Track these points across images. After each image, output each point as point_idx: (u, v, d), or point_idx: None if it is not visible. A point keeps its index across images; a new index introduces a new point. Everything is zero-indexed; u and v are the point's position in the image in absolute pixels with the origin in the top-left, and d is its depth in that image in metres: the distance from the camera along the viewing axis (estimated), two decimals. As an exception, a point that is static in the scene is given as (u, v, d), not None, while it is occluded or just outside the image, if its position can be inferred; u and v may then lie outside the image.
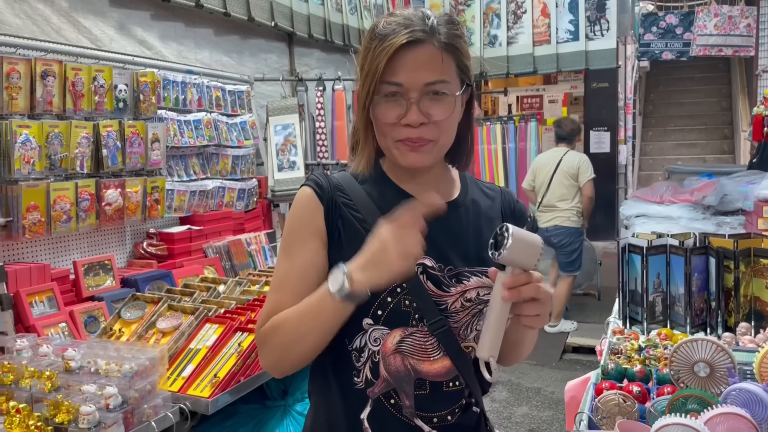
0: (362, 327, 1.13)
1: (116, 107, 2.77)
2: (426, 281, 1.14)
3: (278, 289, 1.17)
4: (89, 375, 1.87)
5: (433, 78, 1.10)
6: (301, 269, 1.15)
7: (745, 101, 7.97)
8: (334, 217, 1.17)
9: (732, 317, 1.94)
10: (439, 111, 1.11)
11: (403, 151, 1.13)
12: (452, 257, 1.17)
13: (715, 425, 1.03)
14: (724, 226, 3.53)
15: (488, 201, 1.29)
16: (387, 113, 1.12)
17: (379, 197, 1.19)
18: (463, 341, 1.17)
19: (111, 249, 2.89)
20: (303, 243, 1.16)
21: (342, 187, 1.19)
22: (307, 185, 1.20)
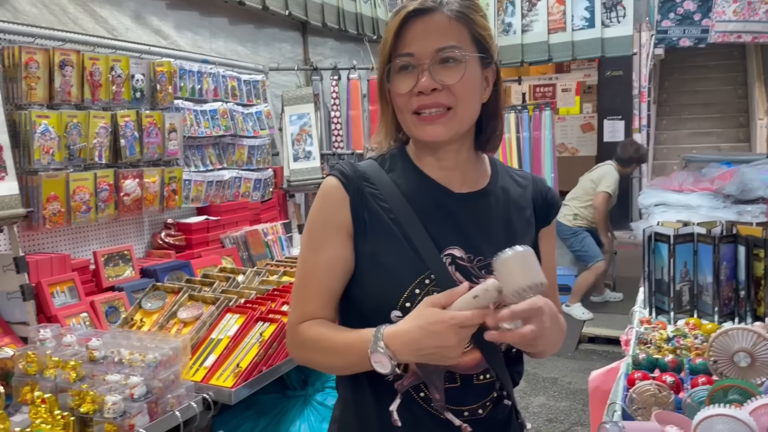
0: (390, 320, 1.10)
1: (133, 97, 2.76)
2: (455, 272, 1.11)
3: (306, 284, 1.16)
4: (113, 365, 1.87)
5: (443, 43, 1.08)
6: (328, 264, 1.13)
7: (761, 89, 7.86)
8: (361, 207, 1.14)
9: (761, 306, 1.91)
10: (451, 75, 1.09)
11: (419, 124, 1.12)
12: (482, 247, 1.14)
13: (759, 416, 1.01)
14: (746, 215, 3.49)
15: (519, 189, 1.26)
16: (400, 85, 1.11)
17: (405, 185, 1.17)
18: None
19: (130, 239, 2.89)
20: (329, 237, 1.14)
21: (368, 176, 1.17)
22: (333, 175, 1.18)
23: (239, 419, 2.34)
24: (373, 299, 1.12)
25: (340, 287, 1.16)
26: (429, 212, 1.14)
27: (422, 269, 1.10)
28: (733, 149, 8.18)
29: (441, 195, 1.17)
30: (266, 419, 2.37)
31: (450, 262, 1.12)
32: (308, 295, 1.15)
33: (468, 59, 1.10)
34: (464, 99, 1.11)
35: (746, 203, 3.65)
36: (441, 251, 1.12)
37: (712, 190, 3.88)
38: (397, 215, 1.13)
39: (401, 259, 1.11)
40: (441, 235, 1.13)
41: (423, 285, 1.10)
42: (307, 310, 1.15)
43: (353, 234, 1.14)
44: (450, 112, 1.10)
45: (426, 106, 1.10)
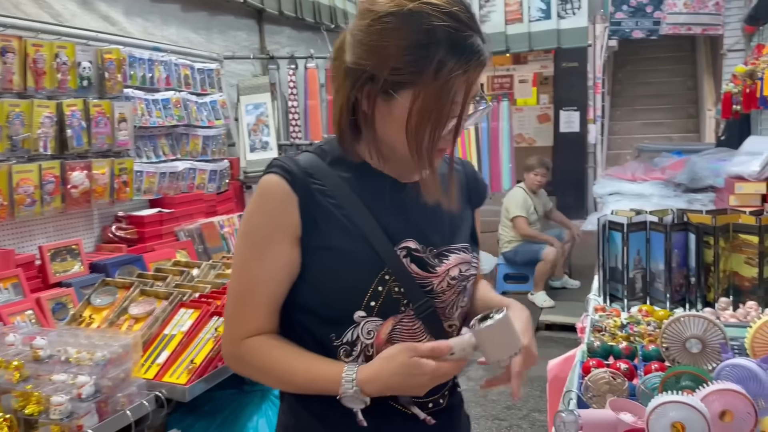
0: (353, 320, 1.07)
1: (80, 85, 2.66)
2: (410, 264, 1.08)
3: (250, 293, 1.07)
4: (60, 364, 1.80)
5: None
6: (274, 271, 1.06)
7: (710, 80, 8.09)
8: (311, 207, 1.06)
9: (711, 292, 1.95)
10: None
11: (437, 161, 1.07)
12: (433, 237, 1.13)
13: (711, 402, 1.02)
14: (695, 203, 3.58)
15: (459, 176, 1.26)
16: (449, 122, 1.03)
17: (352, 179, 1.10)
18: (448, 320, 1.15)
19: (78, 233, 2.79)
20: (275, 241, 1.05)
21: (312, 172, 1.08)
22: (275, 173, 1.07)
23: (194, 417, 2.29)
24: (335, 302, 1.07)
25: (284, 295, 1.09)
26: (379, 206, 1.09)
27: (380, 265, 1.06)
28: (683, 139, 8.41)
29: (389, 186, 1.12)
30: (222, 415, 2.33)
31: (405, 255, 1.09)
32: (253, 306, 1.07)
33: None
34: None
35: (696, 192, 3.74)
36: (396, 245, 1.08)
37: (664, 179, 3.96)
38: (349, 211, 1.07)
39: (360, 258, 1.06)
40: (394, 228, 1.09)
41: (384, 282, 1.07)
42: (253, 323, 1.08)
43: (301, 237, 1.06)
44: None
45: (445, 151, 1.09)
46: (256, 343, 1.07)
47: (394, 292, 1.07)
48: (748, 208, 2.45)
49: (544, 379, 2.14)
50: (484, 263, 5.31)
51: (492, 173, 6.00)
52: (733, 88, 3.88)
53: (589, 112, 7.70)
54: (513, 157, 6.06)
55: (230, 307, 1.11)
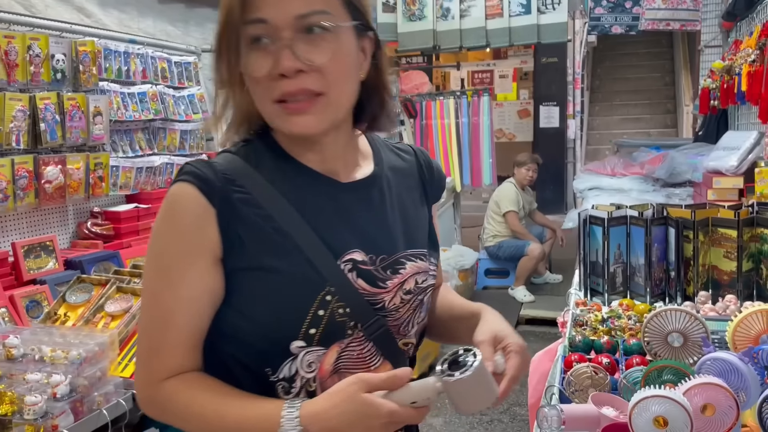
0: (290, 352, 0.90)
1: (54, 78, 2.60)
2: (356, 279, 0.93)
3: (165, 328, 0.89)
4: (34, 363, 1.76)
5: (306, 8, 0.86)
6: (191, 301, 0.89)
7: (687, 76, 8.18)
8: (232, 220, 0.88)
9: (690, 286, 1.96)
10: (319, 52, 0.86)
11: (284, 115, 0.88)
12: (382, 244, 0.97)
13: (692, 396, 1.02)
14: (674, 198, 3.62)
15: (405, 165, 1.09)
16: (255, 66, 0.87)
17: (283, 183, 0.93)
18: (403, 338, 1.00)
19: (53, 229, 2.73)
20: (190, 265, 0.88)
21: (233, 177, 0.90)
22: (185, 181, 0.88)
23: (173, 414, 2.26)
24: (267, 332, 0.89)
25: (207, 326, 0.91)
26: (317, 212, 0.93)
27: (321, 284, 0.90)
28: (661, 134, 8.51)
29: (328, 188, 0.96)
30: (202, 413, 2.30)
31: (350, 269, 0.93)
32: (170, 342, 0.89)
33: (340, 29, 0.88)
34: (338, 81, 0.89)
35: (674, 186, 3.78)
36: (338, 258, 0.92)
37: (642, 174, 4.00)
38: (280, 222, 0.90)
39: (295, 278, 0.89)
40: (336, 237, 0.93)
41: (325, 304, 0.90)
42: (171, 362, 0.90)
43: (222, 257, 0.89)
44: (321, 98, 0.88)
45: (291, 93, 0.87)
46: (176, 385, 0.89)
47: (338, 315, 0.91)
48: (726, 203, 2.47)
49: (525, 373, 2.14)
50: (465, 258, 5.32)
51: (473, 168, 6.01)
52: (710, 84, 3.92)
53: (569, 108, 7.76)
54: (493, 152, 6.08)
55: (143, 344, 0.93)
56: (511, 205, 5.80)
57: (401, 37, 5.42)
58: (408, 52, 6.07)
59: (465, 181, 6.03)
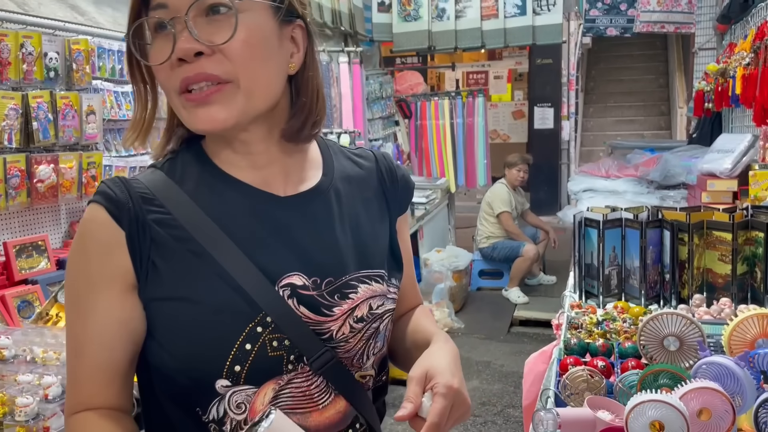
0: (216, 392, 0.81)
1: (47, 77, 2.58)
2: (298, 307, 0.83)
3: (77, 361, 0.84)
4: (25, 364, 1.75)
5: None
6: (100, 332, 0.81)
7: (681, 78, 8.22)
8: (144, 244, 0.81)
9: (685, 289, 1.96)
10: (219, 31, 0.77)
11: (189, 108, 0.80)
12: (328, 265, 0.86)
13: (689, 400, 1.02)
14: (668, 200, 3.63)
15: (362, 173, 0.98)
16: (155, 53, 0.79)
17: (209, 199, 0.84)
18: (358, 371, 0.89)
19: (45, 229, 2.71)
20: (99, 293, 0.81)
21: (150, 196, 0.82)
22: (96, 202, 0.82)
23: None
24: (188, 369, 0.80)
25: (125, 359, 0.83)
26: (249, 231, 0.83)
27: (252, 314, 0.80)
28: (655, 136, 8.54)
29: (262, 204, 0.86)
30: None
31: (289, 295, 0.83)
32: (82, 375, 0.83)
33: (246, 7, 0.79)
34: (248, 65, 0.79)
35: (668, 188, 3.79)
36: (275, 283, 0.82)
37: (637, 176, 4.02)
38: (204, 245, 0.81)
39: (217, 307, 0.80)
40: (271, 260, 0.83)
41: (255, 336, 0.80)
42: (83, 395, 0.83)
43: (137, 284, 0.82)
44: (228, 86, 0.79)
45: (191, 80, 0.78)
46: (78, 422, 0.83)
47: (272, 349, 0.81)
48: (721, 205, 2.48)
49: (518, 375, 2.14)
50: (460, 259, 5.32)
51: (467, 169, 6.02)
52: (705, 86, 3.94)
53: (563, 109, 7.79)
54: (488, 153, 6.09)
55: (67, 371, 0.87)
56: (504, 205, 5.80)
57: (396, 38, 5.42)
58: (403, 52, 6.07)
59: (459, 182, 6.04)
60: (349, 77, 4.36)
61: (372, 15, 5.45)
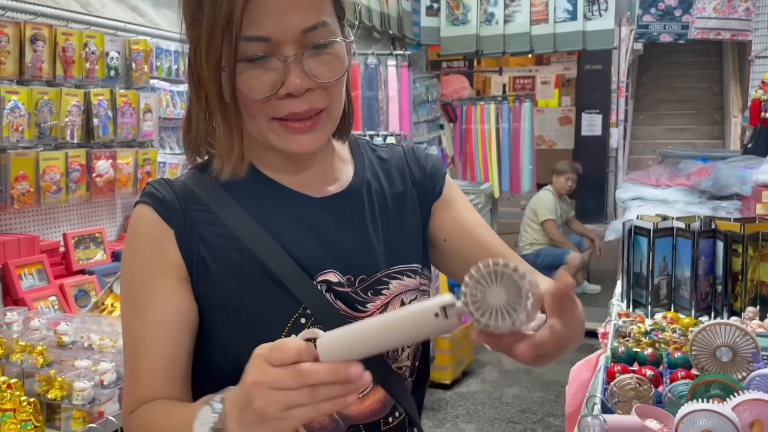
0: None
1: (107, 75, 2.68)
2: (335, 301, 0.86)
3: (135, 358, 0.84)
4: (83, 350, 1.82)
5: (312, 21, 0.78)
6: (158, 325, 0.83)
7: (737, 87, 7.97)
8: (193, 241, 0.84)
9: (737, 302, 1.92)
10: (328, 69, 0.80)
11: (286, 135, 0.82)
12: (361, 263, 0.89)
13: (741, 411, 1.00)
14: (720, 211, 3.53)
15: (390, 167, 1.00)
16: (256, 85, 0.79)
17: (250, 200, 0.87)
18: (393, 362, 0.91)
19: (101, 222, 2.82)
20: (155, 288, 0.83)
21: (196, 196, 0.86)
22: (144, 203, 0.86)
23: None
24: (235, 359, 0.77)
25: (185, 352, 0.84)
26: (287, 231, 0.87)
27: (293, 307, 0.83)
28: (707, 146, 8.31)
29: (299, 205, 0.89)
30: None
31: (326, 290, 0.86)
32: (142, 372, 0.83)
33: (344, 41, 0.83)
34: (338, 95, 0.84)
35: (721, 199, 3.69)
36: (313, 278, 0.86)
37: (688, 185, 3.91)
38: (247, 243, 0.84)
39: (264, 301, 0.83)
40: (308, 257, 0.86)
41: (299, 327, 0.83)
42: (140, 393, 0.83)
43: (189, 278, 0.85)
44: (323, 113, 0.83)
45: (300, 115, 0.80)
46: (141, 411, 0.82)
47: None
48: (776, 217, 2.41)
49: (560, 383, 2.12)
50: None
51: (512, 175, 5.97)
52: (762, 95, 3.83)
53: (612, 116, 7.63)
54: (534, 159, 6.03)
55: (125, 376, 0.88)
56: (549, 213, 5.74)
57: (444, 42, 5.42)
58: (450, 56, 6.06)
59: (504, 188, 6.00)
60: (396, 80, 4.38)
61: (420, 19, 5.46)
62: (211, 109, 0.84)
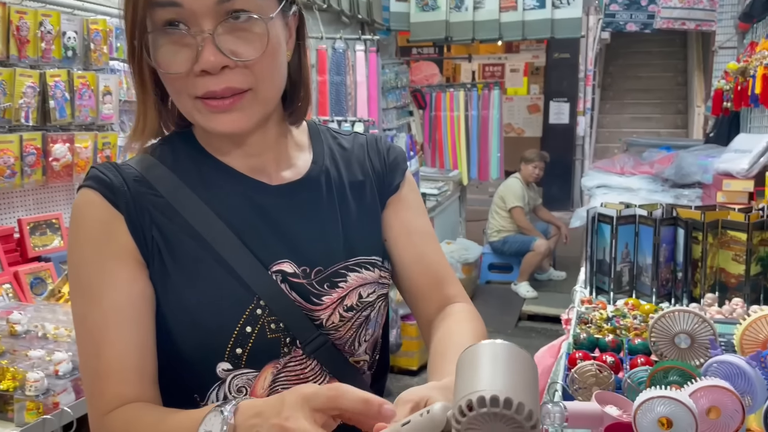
0: (217, 376, 0.81)
1: (65, 56, 2.59)
2: (290, 292, 0.83)
3: (97, 352, 0.77)
4: (37, 340, 1.77)
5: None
6: (122, 311, 0.78)
7: (700, 77, 8.12)
8: (145, 226, 0.80)
9: (697, 288, 1.95)
10: (248, 46, 0.76)
11: (206, 113, 0.79)
12: (317, 255, 0.86)
13: (698, 398, 1.01)
14: (683, 198, 3.60)
15: (350, 156, 0.96)
16: (173, 61, 0.76)
17: (202, 186, 0.84)
18: (351, 356, 0.90)
19: (59, 207, 2.73)
20: (109, 274, 0.78)
21: (145, 180, 0.82)
22: (88, 186, 0.81)
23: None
24: (190, 353, 0.81)
25: (151, 340, 0.80)
26: (241, 218, 0.83)
27: (248, 298, 0.81)
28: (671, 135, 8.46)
29: (254, 192, 0.86)
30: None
31: (281, 280, 0.83)
32: (105, 367, 0.77)
33: (270, 17, 0.77)
34: (267, 75, 0.79)
35: (683, 187, 3.75)
36: (268, 268, 0.83)
37: (652, 173, 3.98)
38: (199, 229, 0.81)
39: (218, 291, 0.80)
40: (263, 246, 0.83)
41: (255, 318, 0.81)
42: (113, 390, 0.76)
43: (144, 263, 0.80)
44: (248, 93, 0.79)
45: (216, 93, 0.77)
46: (122, 416, 0.75)
47: (270, 330, 0.81)
48: (736, 206, 2.45)
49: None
50: (470, 252, 5.31)
51: (481, 162, 6.00)
52: (724, 85, 3.89)
53: (579, 104, 7.73)
54: (502, 147, 6.06)
55: (84, 377, 0.81)
56: (517, 200, 5.78)
57: (413, 27, 5.39)
58: (420, 42, 6.03)
59: (472, 175, 6.01)
60: (365, 66, 4.34)
61: (390, 4, 5.42)
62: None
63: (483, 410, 0.53)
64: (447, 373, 0.74)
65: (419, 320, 0.97)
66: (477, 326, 0.91)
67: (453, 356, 0.75)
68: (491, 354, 0.57)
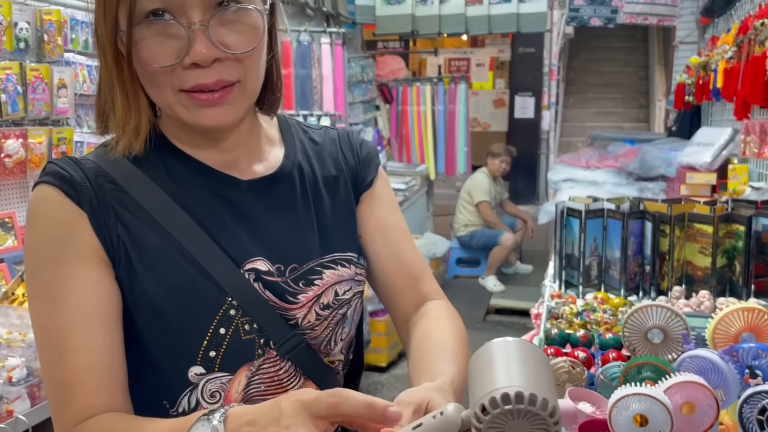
0: (189, 381, 0.78)
1: (16, 48, 2.48)
2: (264, 291, 0.80)
3: (62, 359, 0.72)
4: (-12, 345, 1.68)
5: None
6: (88, 314, 0.73)
7: (661, 71, 8.26)
8: (110, 224, 0.76)
9: (664, 281, 1.96)
10: (240, 38, 0.74)
11: (194, 108, 0.75)
12: (292, 251, 0.83)
13: (673, 394, 1.00)
14: (647, 192, 3.65)
15: (323, 151, 0.93)
16: (159, 53, 0.72)
17: (170, 182, 0.80)
18: (326, 356, 0.87)
19: (12, 206, 2.63)
20: (73, 275, 0.74)
21: (107, 175, 0.77)
22: (46, 183, 0.75)
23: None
24: (158, 356, 0.78)
25: (120, 343, 0.76)
26: (212, 215, 0.80)
27: (221, 299, 0.77)
28: (633, 128, 8.61)
29: (224, 188, 0.82)
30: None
31: (255, 279, 0.80)
32: (71, 375, 0.72)
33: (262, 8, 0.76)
34: (254, 67, 0.77)
35: (647, 180, 3.81)
36: (240, 266, 0.79)
37: (616, 167, 4.03)
38: (167, 227, 0.77)
39: (190, 292, 0.76)
40: (234, 243, 0.80)
41: (228, 320, 0.77)
42: (82, 400, 0.72)
43: (110, 262, 0.76)
44: (237, 86, 0.76)
45: (207, 86, 0.73)
46: (93, 427, 0.71)
47: (244, 332, 0.78)
48: (699, 198, 2.48)
49: None
50: (437, 247, 5.31)
51: (447, 157, 6.00)
52: (686, 79, 3.95)
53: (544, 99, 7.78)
54: (469, 141, 6.07)
55: (48, 387, 0.75)
56: (484, 195, 5.80)
57: (379, 21, 5.35)
58: (385, 36, 6.00)
59: (439, 170, 6.02)
60: (330, 59, 4.28)
61: (355, -3, 5.37)
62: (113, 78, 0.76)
63: (507, 407, 0.53)
64: (436, 372, 0.77)
65: (395, 318, 0.95)
66: (456, 324, 0.91)
67: (438, 355, 0.80)
68: (505, 351, 0.59)
